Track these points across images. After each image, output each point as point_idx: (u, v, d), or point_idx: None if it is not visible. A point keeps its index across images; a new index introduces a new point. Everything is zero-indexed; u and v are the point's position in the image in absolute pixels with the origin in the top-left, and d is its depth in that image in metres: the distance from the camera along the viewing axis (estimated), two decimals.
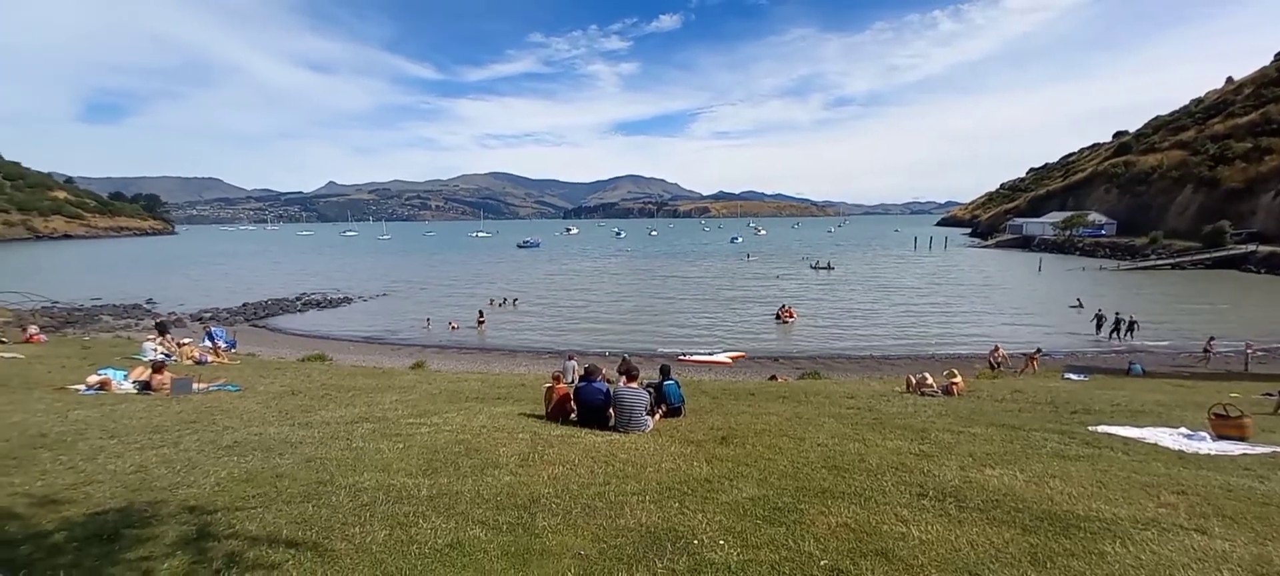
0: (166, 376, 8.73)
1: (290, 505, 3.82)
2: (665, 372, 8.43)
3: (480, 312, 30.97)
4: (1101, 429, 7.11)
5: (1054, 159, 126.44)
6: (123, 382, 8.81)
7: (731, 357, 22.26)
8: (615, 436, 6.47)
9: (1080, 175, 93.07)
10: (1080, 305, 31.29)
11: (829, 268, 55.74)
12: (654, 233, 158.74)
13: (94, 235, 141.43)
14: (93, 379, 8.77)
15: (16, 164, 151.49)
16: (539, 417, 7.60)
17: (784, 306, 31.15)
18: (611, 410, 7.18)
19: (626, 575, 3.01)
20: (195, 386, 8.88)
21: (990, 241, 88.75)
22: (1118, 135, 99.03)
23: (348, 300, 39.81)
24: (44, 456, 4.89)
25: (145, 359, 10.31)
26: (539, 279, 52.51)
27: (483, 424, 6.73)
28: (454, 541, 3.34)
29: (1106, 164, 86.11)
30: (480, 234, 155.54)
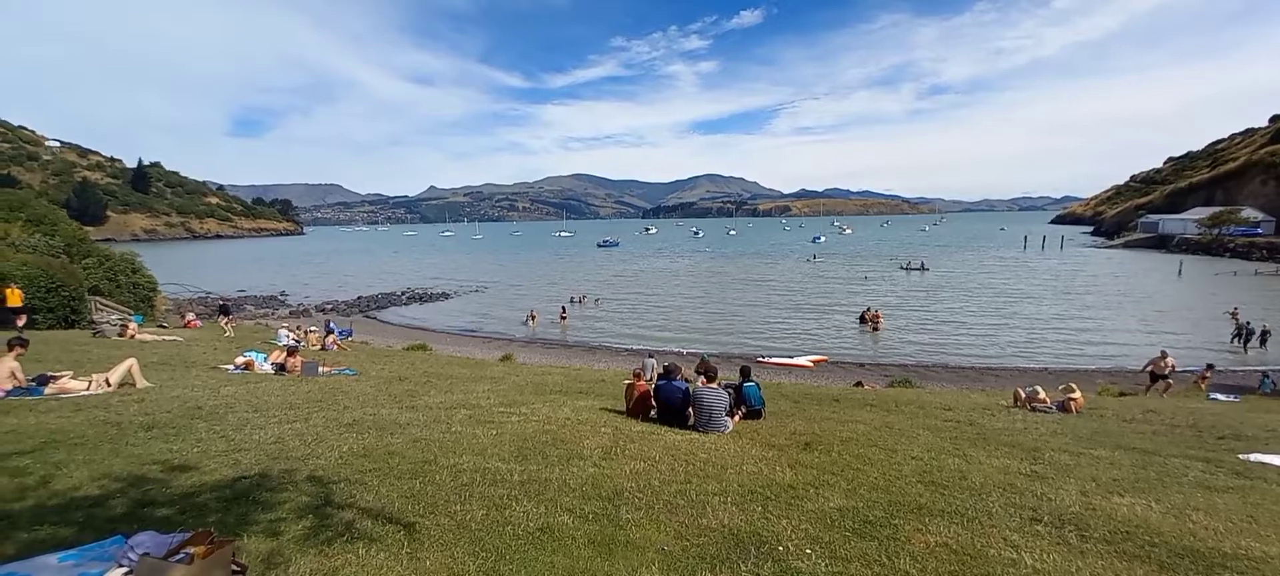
0: (298, 360, 9.92)
1: (401, 480, 4.19)
2: (745, 374, 8.32)
3: (562, 309, 32.16)
4: (1254, 457, 6.12)
5: (1197, 147, 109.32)
6: (263, 364, 10.11)
7: (813, 361, 21.46)
8: (695, 435, 6.48)
9: (1230, 165, 79.37)
10: (1236, 317, 26.88)
11: (922, 269, 51.91)
12: (732, 232, 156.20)
13: (240, 235, 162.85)
14: (239, 360, 10.15)
15: (177, 173, 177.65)
16: (619, 413, 7.77)
17: (870, 309, 29.47)
18: (691, 409, 7.20)
19: (710, 575, 3.02)
20: (320, 370, 10.01)
21: (1117, 241, 78.32)
22: (1275, 120, 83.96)
23: (445, 295, 42.83)
24: (200, 426, 5.70)
25: (280, 343, 11.74)
26: (618, 277, 53.46)
27: (567, 416, 6.99)
28: (544, 526, 3.52)
29: (1263, 152, 72.94)
30: (563, 233, 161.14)
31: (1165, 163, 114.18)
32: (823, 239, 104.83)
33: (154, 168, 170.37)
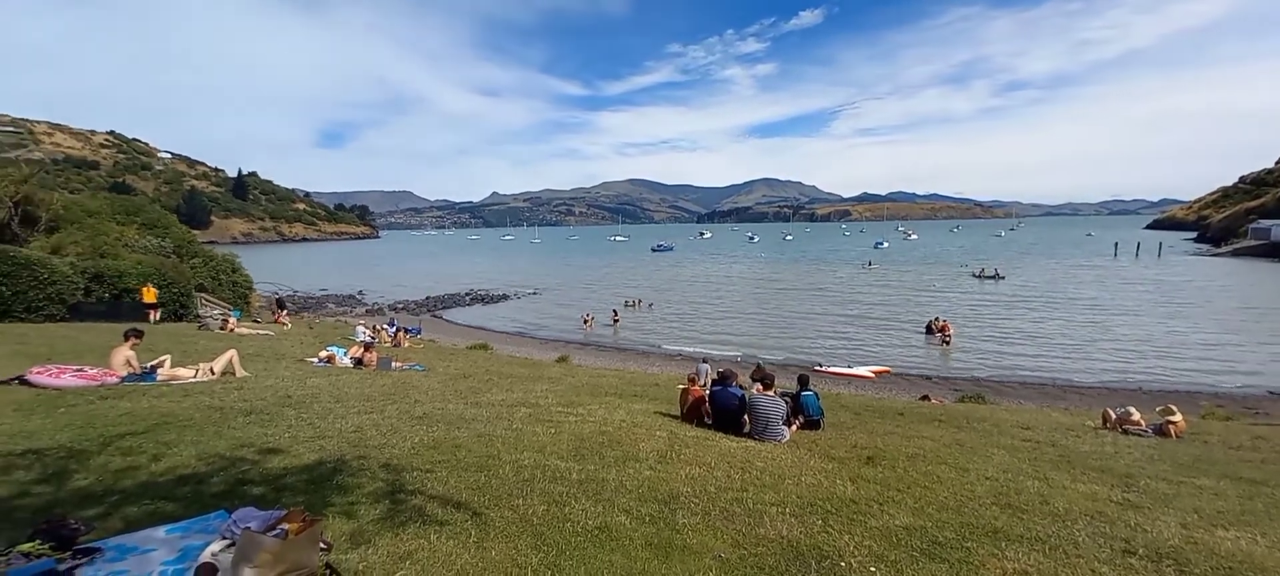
0: (374, 355, 10.60)
1: (466, 472, 4.40)
2: (803, 383, 8.13)
3: (615, 312, 32.50)
4: None
5: None
6: (343, 358, 10.87)
7: (874, 372, 20.58)
8: (750, 443, 6.40)
9: None
10: None
11: (997, 277, 48.61)
12: (788, 237, 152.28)
13: (323, 238, 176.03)
14: (322, 353, 10.96)
15: (270, 181, 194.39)
16: (674, 417, 7.78)
17: (938, 319, 27.90)
18: (746, 416, 7.11)
19: None
20: (393, 365, 10.65)
21: (1224, 248, 70.09)
22: None
23: (505, 297, 44.35)
24: (290, 413, 6.20)
25: (358, 339, 12.59)
26: (671, 282, 53.43)
27: (622, 419, 7.07)
28: (602, 524, 3.59)
29: None
30: (618, 238, 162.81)
31: (1278, 163, 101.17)
32: (886, 244, 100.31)
33: (251, 177, 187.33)
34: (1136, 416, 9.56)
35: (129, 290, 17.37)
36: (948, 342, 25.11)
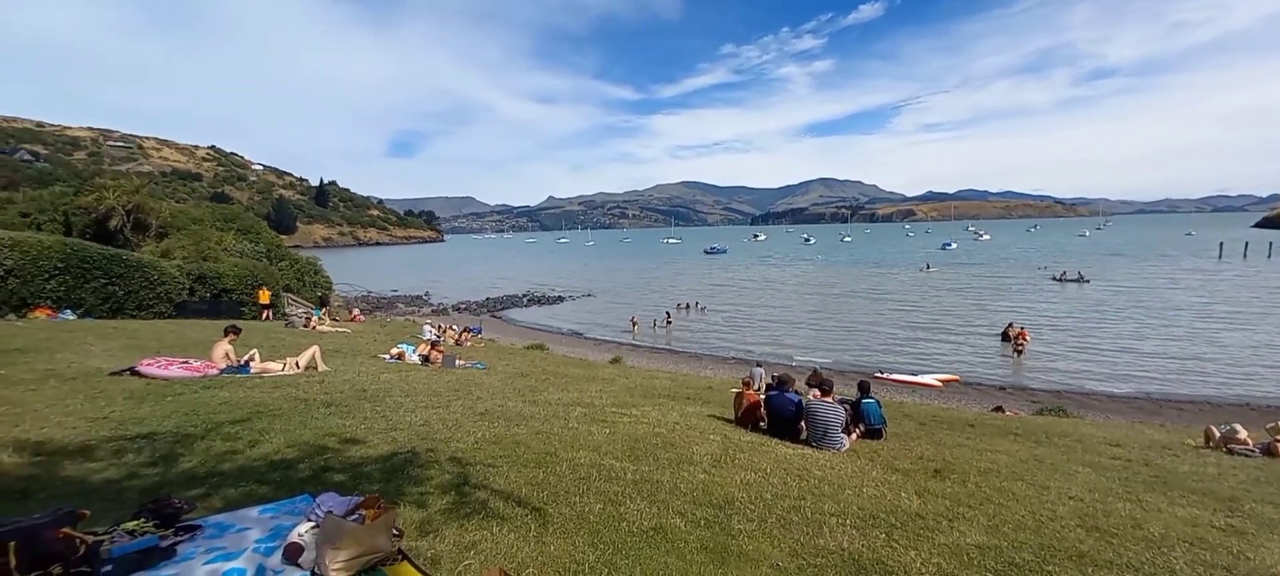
0: (440, 353, 11.16)
1: (526, 469, 4.54)
2: (864, 390, 7.83)
3: (668, 314, 32.52)
4: None
5: None
6: (412, 355, 11.51)
7: (941, 380, 19.52)
8: (807, 451, 6.24)
9: None
10: None
11: (1081, 280, 44.89)
12: (847, 238, 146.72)
13: (394, 242, 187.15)
14: (393, 351, 11.64)
15: (347, 189, 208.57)
16: (727, 421, 7.70)
17: (1014, 325, 26.08)
18: (803, 423, 6.94)
19: None
20: (457, 363, 11.17)
21: None
22: None
23: (560, 299, 45.42)
24: (366, 406, 6.61)
25: (425, 337, 13.28)
26: (723, 285, 52.85)
27: (675, 421, 7.07)
28: (657, 526, 3.61)
29: None
30: (670, 241, 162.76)
31: None
32: (954, 245, 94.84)
33: (331, 185, 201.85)
34: (1243, 435, 8.59)
35: (227, 290, 19.11)
36: (1020, 351, 23.35)
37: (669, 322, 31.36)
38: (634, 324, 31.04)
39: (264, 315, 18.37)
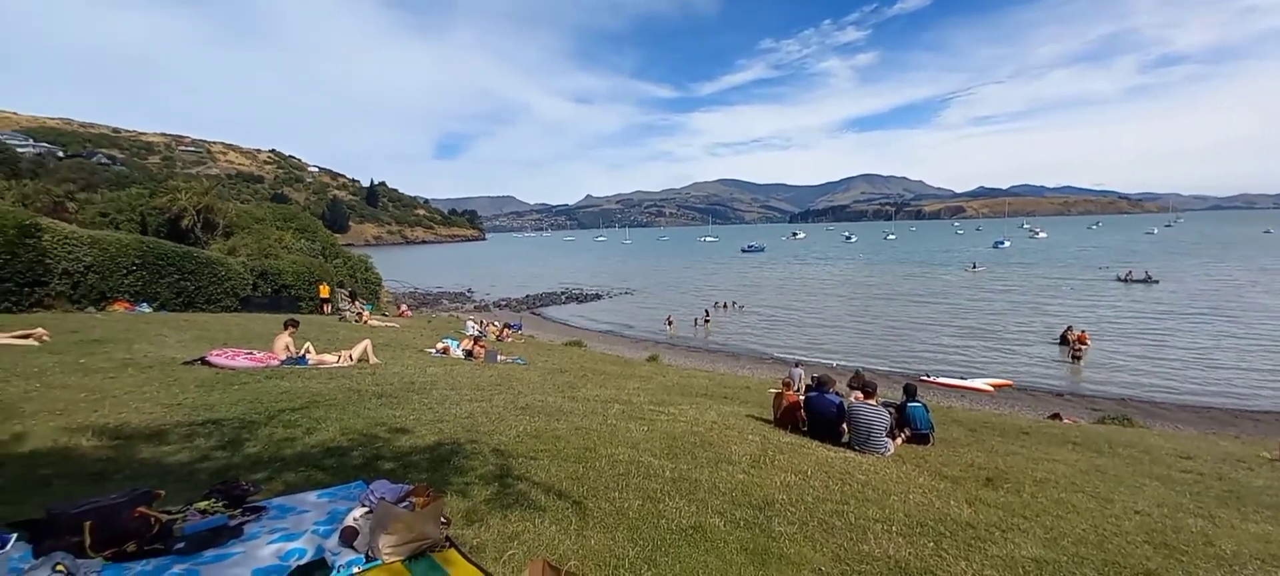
0: (482, 348, 11.47)
1: (566, 463, 4.61)
2: (910, 393, 7.59)
3: (706, 312, 32.31)
4: None
5: None
6: (455, 349, 11.87)
7: (993, 385, 18.65)
8: (850, 454, 6.10)
9: None
10: None
11: (1148, 281, 41.98)
12: (890, 236, 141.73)
13: (439, 241, 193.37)
14: (439, 345, 12.04)
15: (396, 190, 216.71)
16: (766, 421, 7.61)
17: (1073, 328, 24.64)
18: (845, 425, 6.79)
19: None
20: (499, 358, 11.46)
21: None
22: None
23: (597, 296, 45.82)
24: (414, 398, 6.85)
25: (468, 333, 13.66)
26: (762, 283, 52.10)
27: (713, 420, 7.03)
28: (696, 524, 3.60)
29: None
30: (708, 239, 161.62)
31: None
32: (1007, 244, 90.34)
33: (381, 186, 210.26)
34: None
35: (287, 286, 20.18)
36: (1079, 356, 21.94)
37: (706, 321, 31.17)
38: (670, 323, 31.00)
39: (325, 308, 19.32)
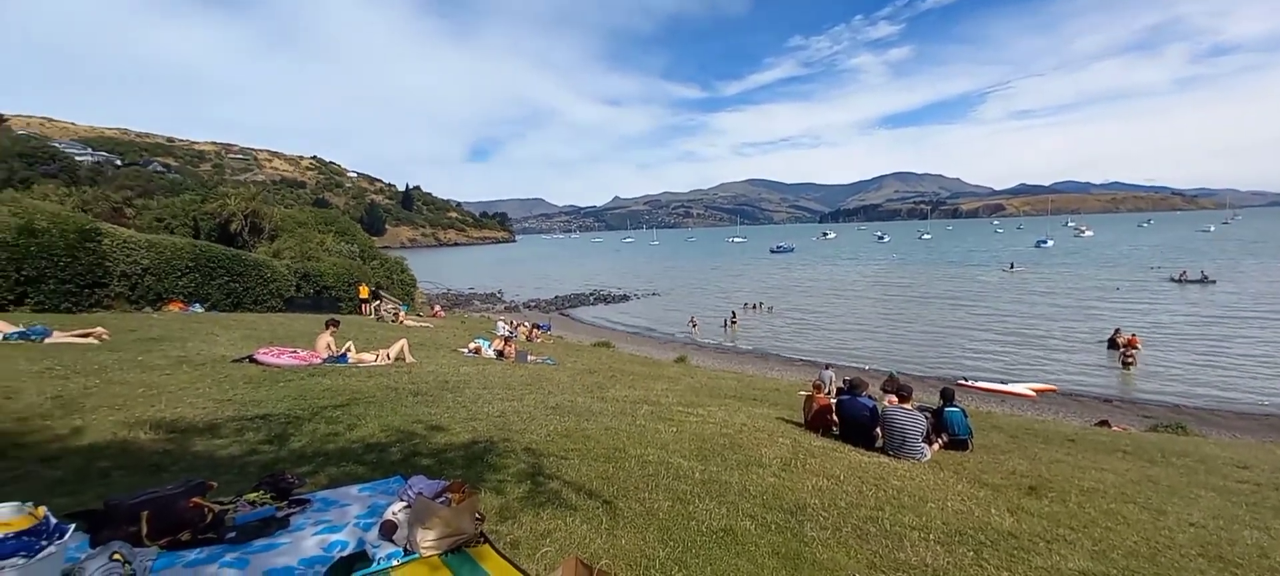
0: (513, 348, 11.67)
1: (596, 463, 4.66)
2: (947, 397, 7.39)
3: (733, 314, 32.03)
4: None
5: None
6: (487, 349, 12.11)
7: (1035, 390, 17.96)
8: (884, 459, 5.98)
9: None
10: None
11: (1204, 281, 39.69)
12: (925, 236, 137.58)
13: (471, 243, 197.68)
14: (471, 345, 12.30)
15: (430, 193, 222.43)
16: (796, 424, 7.51)
17: (1121, 330, 23.49)
18: (879, 430, 6.65)
19: None
20: (529, 358, 11.64)
21: None
22: None
23: (626, 298, 46.00)
24: (448, 397, 7.01)
25: (499, 333, 13.92)
26: (791, 284, 51.39)
27: (743, 422, 6.98)
28: (726, 527, 3.59)
29: None
30: (736, 240, 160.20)
31: None
32: (1050, 243, 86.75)
33: (415, 190, 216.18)
34: None
35: (328, 287, 20.91)
36: (1130, 363, 20.78)
37: (734, 323, 30.91)
38: (694, 324, 30.87)
39: (364, 309, 19.93)
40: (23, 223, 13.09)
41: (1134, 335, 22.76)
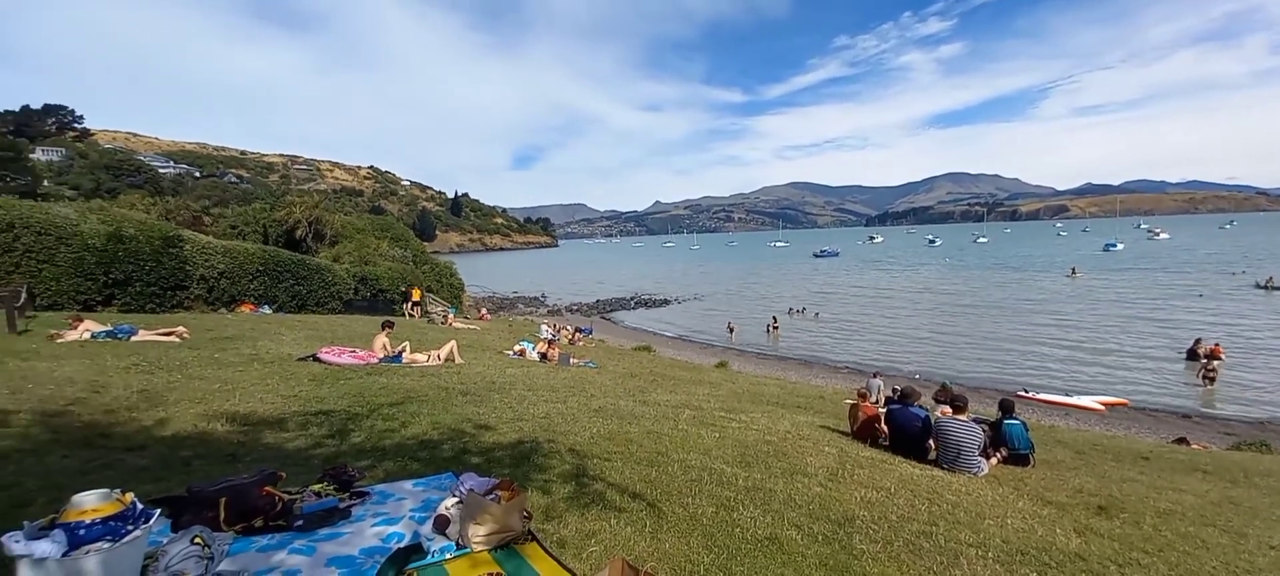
0: (556, 351, 11.91)
1: (639, 466, 4.69)
2: (1006, 409, 7.04)
3: (774, 319, 31.44)
4: None
5: None
6: (531, 352, 12.39)
7: (1104, 403, 16.80)
8: (937, 472, 5.76)
9: None
10: None
11: None
12: (981, 239, 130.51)
13: (516, 247, 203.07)
14: (516, 348, 12.63)
15: (477, 200, 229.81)
16: (842, 433, 7.33)
17: (1202, 341, 21.64)
18: (932, 442, 6.41)
19: None
20: (571, 361, 11.84)
21: None
22: None
23: (666, 302, 45.99)
24: (495, 397, 7.22)
25: (543, 336, 14.22)
26: (836, 289, 50.00)
27: (786, 430, 6.87)
28: (772, 535, 3.54)
29: None
30: (778, 244, 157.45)
31: None
32: (1120, 246, 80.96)
33: (464, 197, 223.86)
34: None
35: (384, 290, 21.92)
36: (1212, 377, 19.00)
37: (775, 328, 30.35)
38: (731, 330, 30.49)
39: (416, 312, 20.70)
40: (112, 230, 14.29)
41: (1217, 344, 20.95)
